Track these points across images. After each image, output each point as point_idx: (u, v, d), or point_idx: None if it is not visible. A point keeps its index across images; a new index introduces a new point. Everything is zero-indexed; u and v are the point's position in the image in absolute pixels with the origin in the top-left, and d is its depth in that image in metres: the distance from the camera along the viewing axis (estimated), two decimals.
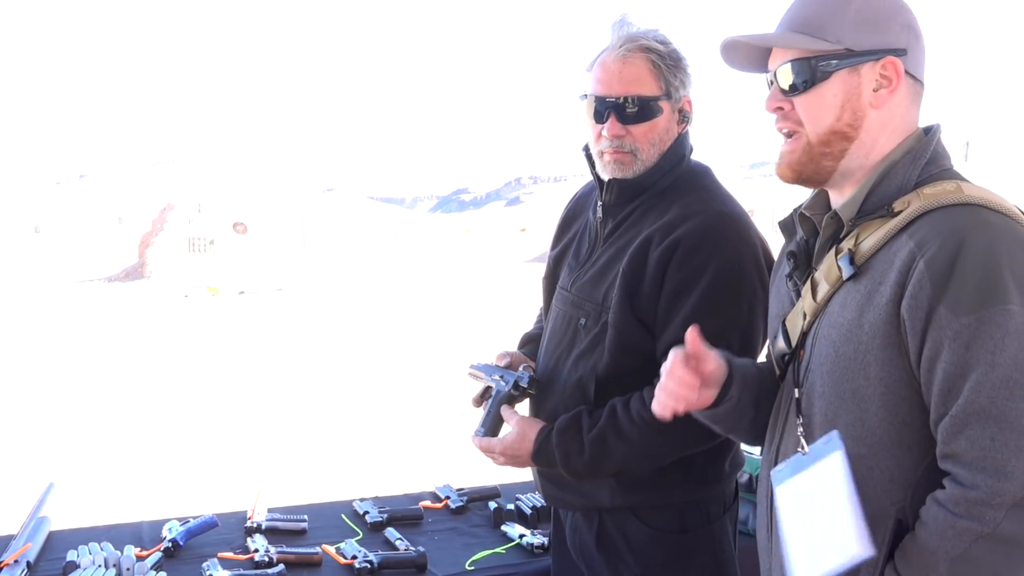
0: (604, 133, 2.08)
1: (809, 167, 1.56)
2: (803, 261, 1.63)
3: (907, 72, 1.53)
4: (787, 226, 1.68)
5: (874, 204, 1.51)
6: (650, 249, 2.03)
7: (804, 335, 1.58)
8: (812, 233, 1.63)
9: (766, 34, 1.59)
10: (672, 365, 1.62)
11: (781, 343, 1.66)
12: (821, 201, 1.65)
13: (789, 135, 1.58)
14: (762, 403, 1.74)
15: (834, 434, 1.47)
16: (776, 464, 1.63)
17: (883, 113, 1.54)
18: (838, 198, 1.60)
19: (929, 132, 1.56)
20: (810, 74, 1.53)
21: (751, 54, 1.62)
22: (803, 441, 1.58)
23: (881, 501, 1.44)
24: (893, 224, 1.46)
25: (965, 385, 1.33)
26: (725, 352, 1.73)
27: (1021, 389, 1.31)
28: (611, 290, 2.07)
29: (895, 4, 1.55)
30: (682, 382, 1.62)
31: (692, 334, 1.61)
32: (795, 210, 1.67)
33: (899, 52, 1.52)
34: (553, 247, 2.37)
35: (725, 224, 2.05)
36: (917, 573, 1.36)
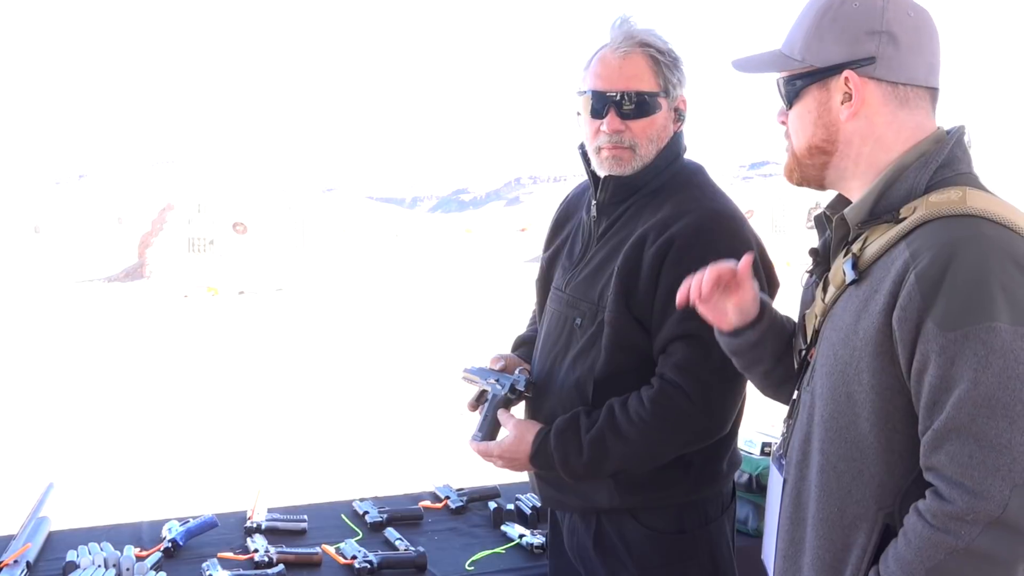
0: (603, 128, 2.07)
1: (797, 175, 1.64)
2: (823, 259, 1.64)
3: (880, 79, 1.51)
4: (819, 222, 1.68)
5: (884, 208, 1.50)
6: (645, 247, 2.04)
7: (816, 334, 1.60)
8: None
9: (748, 58, 1.67)
10: (717, 267, 1.70)
11: (799, 339, 1.69)
12: (842, 200, 1.65)
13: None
14: (785, 359, 1.76)
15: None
16: (786, 451, 1.66)
17: (859, 124, 1.53)
18: (850, 200, 1.60)
19: (948, 135, 1.54)
20: (787, 94, 1.60)
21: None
22: (782, 443, 1.67)
23: (869, 505, 1.44)
24: (895, 232, 1.45)
25: (948, 400, 1.33)
26: (767, 298, 1.79)
27: (1003, 408, 1.30)
28: (606, 289, 2.07)
29: (866, 11, 1.52)
30: (714, 275, 1.69)
31: (747, 260, 1.69)
32: (825, 207, 1.68)
33: (863, 62, 1.51)
34: (546, 249, 2.37)
35: (719, 221, 2.06)
36: None
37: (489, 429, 2.19)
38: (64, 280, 60.06)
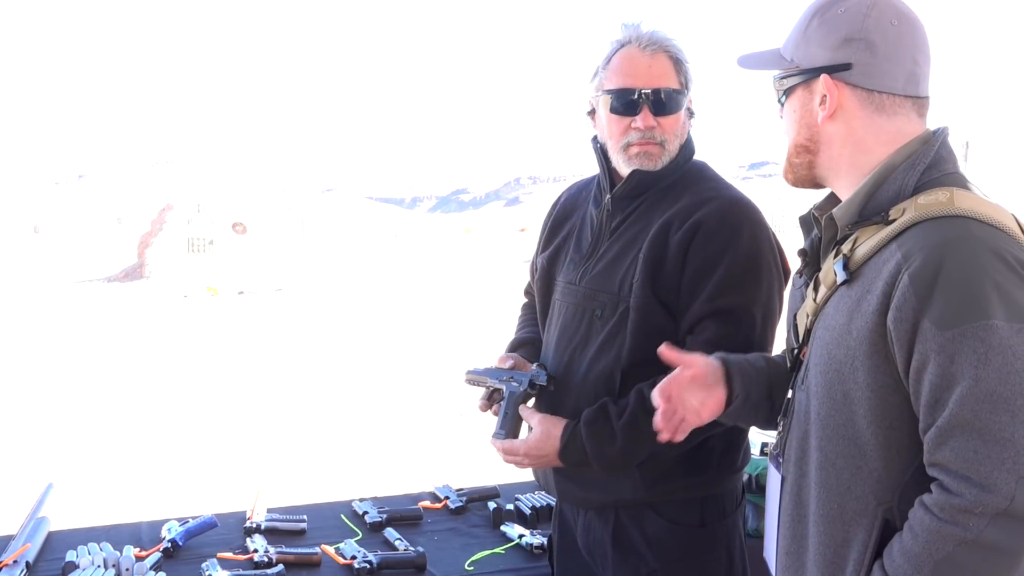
0: (636, 124, 2.12)
1: (791, 175, 1.67)
2: (813, 259, 1.65)
3: (855, 85, 1.53)
4: (805, 222, 1.70)
5: (872, 209, 1.52)
6: (670, 233, 2.08)
7: (808, 333, 1.61)
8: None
9: (750, 55, 1.70)
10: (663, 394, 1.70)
11: (791, 338, 1.70)
12: (832, 201, 1.67)
13: None
14: (776, 394, 1.76)
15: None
16: (783, 450, 1.66)
17: (837, 126, 1.57)
18: (840, 200, 1.62)
19: (934, 135, 1.56)
20: (777, 91, 1.64)
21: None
22: (777, 442, 1.69)
23: (868, 500, 1.46)
24: (886, 233, 1.47)
25: (950, 397, 1.35)
26: (722, 354, 1.78)
27: (1004, 403, 1.32)
28: (627, 278, 2.10)
29: (849, 18, 1.54)
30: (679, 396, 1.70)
31: (664, 350, 1.73)
32: (812, 208, 1.70)
33: (840, 68, 1.54)
34: (543, 250, 2.37)
35: (740, 208, 2.12)
36: (903, 573, 1.38)
37: (511, 427, 2.17)
38: (64, 280, 60.07)
